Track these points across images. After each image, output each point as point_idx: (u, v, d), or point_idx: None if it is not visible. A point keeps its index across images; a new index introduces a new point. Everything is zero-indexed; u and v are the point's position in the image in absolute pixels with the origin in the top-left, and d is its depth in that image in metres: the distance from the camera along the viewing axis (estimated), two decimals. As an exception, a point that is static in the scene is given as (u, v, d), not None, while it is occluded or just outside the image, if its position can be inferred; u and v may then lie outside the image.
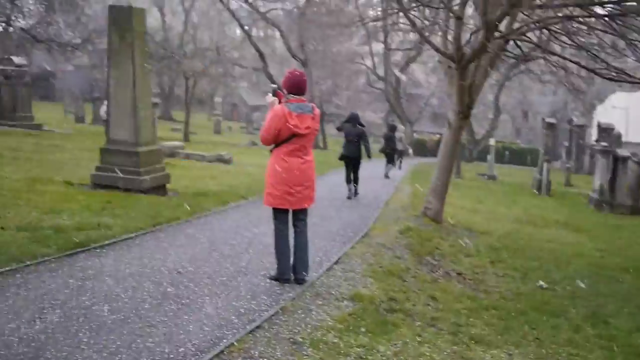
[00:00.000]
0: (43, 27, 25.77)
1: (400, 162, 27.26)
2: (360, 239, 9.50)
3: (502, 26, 10.65)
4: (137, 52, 11.28)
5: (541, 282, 9.09)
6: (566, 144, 42.56)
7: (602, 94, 45.12)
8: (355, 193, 14.82)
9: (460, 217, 14.25)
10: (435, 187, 12.47)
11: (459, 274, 9.11)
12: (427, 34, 12.19)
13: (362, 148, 14.68)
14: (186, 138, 34.97)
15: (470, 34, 11.67)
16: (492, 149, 33.32)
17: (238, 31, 48.29)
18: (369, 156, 15.17)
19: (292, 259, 6.68)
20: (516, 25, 10.93)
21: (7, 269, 5.99)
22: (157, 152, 12.15)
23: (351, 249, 8.66)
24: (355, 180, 14.85)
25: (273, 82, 38.92)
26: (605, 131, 41.65)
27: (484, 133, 46.92)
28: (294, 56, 39.52)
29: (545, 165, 25.82)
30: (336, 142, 44.77)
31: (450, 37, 11.61)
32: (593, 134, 41.81)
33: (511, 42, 12.08)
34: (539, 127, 70.46)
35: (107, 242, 7.49)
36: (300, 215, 6.77)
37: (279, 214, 6.66)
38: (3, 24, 26.15)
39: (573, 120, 43.58)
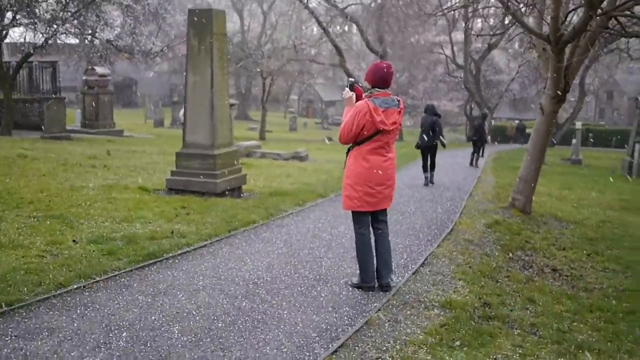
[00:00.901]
0: (127, 37, 26.26)
1: (483, 150, 26.34)
2: (446, 236, 8.90)
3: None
4: (216, 55, 11.04)
5: (650, 277, 8.28)
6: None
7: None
8: (431, 181, 14.88)
9: (548, 205, 13.44)
10: (524, 176, 11.70)
11: (554, 270, 8.38)
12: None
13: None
14: (262, 137, 35.03)
15: (567, 13, 10.80)
16: (578, 132, 31.71)
17: (315, 29, 48.14)
18: (443, 145, 15.46)
19: (375, 264, 6.16)
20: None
21: (75, 286, 5.68)
22: (233, 154, 11.86)
23: (437, 248, 8.08)
24: (432, 167, 15.02)
25: (349, 75, 38.61)
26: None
27: (567, 116, 45.17)
28: (371, 50, 38.95)
29: (637, 146, 24.40)
30: (411, 133, 44.09)
31: (546, 17, 10.85)
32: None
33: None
34: (625, 107, 67.88)
35: (180, 251, 7.16)
36: (380, 216, 6.28)
37: (360, 217, 6.15)
38: (89, 37, 26.71)
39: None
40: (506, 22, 11.72)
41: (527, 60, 46.25)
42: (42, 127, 23.18)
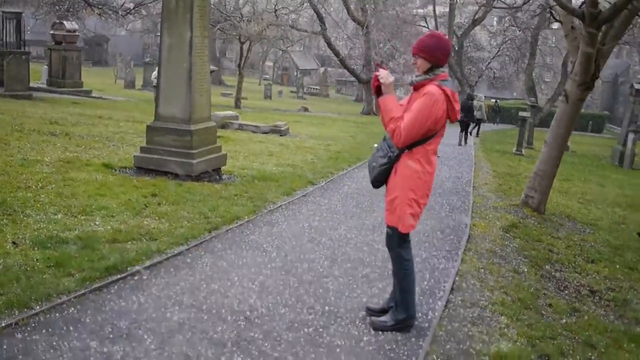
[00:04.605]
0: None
1: (478, 129, 27.63)
2: (466, 246, 7.54)
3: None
4: (196, 13, 9.44)
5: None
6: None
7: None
8: None
9: (554, 201, 12.21)
10: (542, 172, 10.38)
11: (593, 291, 7.11)
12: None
13: None
14: (237, 105, 33.32)
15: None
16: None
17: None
18: None
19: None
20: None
21: (2, 324, 4.12)
22: (212, 130, 10.34)
23: (462, 264, 6.71)
24: None
25: (330, 44, 37.02)
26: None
27: (548, 98, 44.40)
28: (353, 18, 37.38)
29: (630, 136, 23.39)
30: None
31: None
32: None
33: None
34: (598, 92, 67.28)
35: (149, 262, 5.65)
36: None
37: (408, 238, 4.72)
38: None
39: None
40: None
41: (510, 39, 45.34)
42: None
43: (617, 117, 60.09)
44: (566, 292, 6.88)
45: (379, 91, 4.55)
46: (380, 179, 4.65)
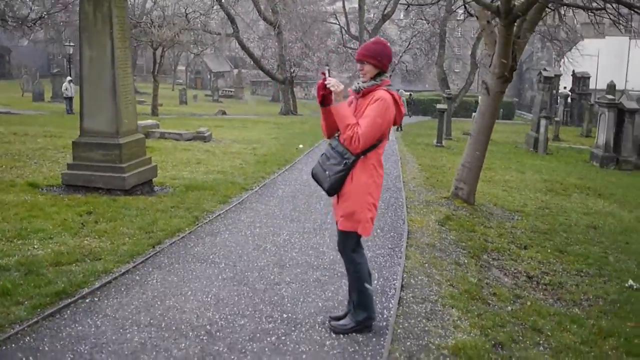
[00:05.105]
0: (-1, 1, 23.46)
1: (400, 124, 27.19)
2: (407, 242, 7.71)
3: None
4: (116, 24, 9.26)
5: (631, 282, 7.41)
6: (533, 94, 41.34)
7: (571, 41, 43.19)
8: None
9: (481, 191, 12.57)
10: (469, 164, 10.66)
11: (530, 277, 7.41)
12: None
13: None
14: (155, 112, 32.75)
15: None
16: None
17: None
18: None
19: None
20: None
21: None
22: (141, 142, 10.18)
23: (407, 260, 6.86)
24: None
25: (243, 46, 36.90)
26: (580, 80, 40.29)
27: (459, 89, 45.65)
28: (265, 19, 37.36)
29: (542, 122, 24.25)
30: (303, 106, 43.49)
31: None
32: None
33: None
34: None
35: (98, 283, 5.51)
36: None
37: (361, 242, 4.80)
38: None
39: (546, 69, 41.80)
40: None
41: (419, 32, 46.27)
42: None
43: (524, 103, 62.34)
44: (506, 280, 7.14)
45: (324, 99, 4.55)
46: (336, 187, 4.57)
